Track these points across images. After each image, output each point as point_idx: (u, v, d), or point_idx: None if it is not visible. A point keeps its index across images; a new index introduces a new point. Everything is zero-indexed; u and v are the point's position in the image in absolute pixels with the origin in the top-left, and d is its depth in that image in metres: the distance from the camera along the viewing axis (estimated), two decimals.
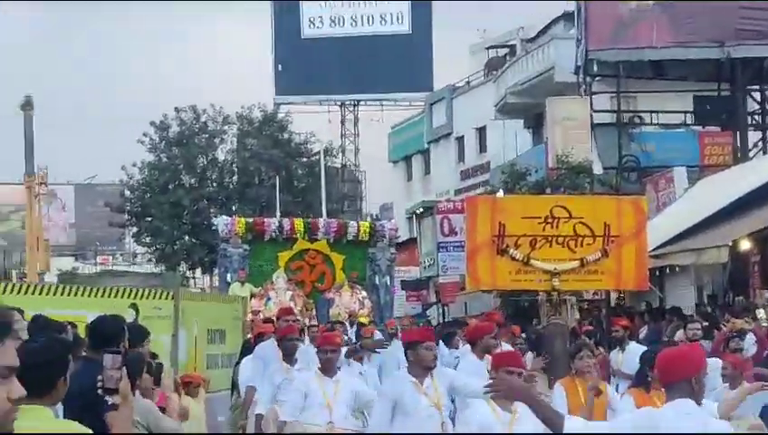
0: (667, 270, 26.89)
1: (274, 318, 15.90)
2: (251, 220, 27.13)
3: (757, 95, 34.49)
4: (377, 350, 15.84)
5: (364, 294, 25.16)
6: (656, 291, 23.39)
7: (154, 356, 10.56)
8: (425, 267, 41.09)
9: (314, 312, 23.92)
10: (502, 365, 7.84)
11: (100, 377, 5.60)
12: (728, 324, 16.81)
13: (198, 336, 15.45)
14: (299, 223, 26.80)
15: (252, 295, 23.78)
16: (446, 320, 33.22)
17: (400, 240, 34.84)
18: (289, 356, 11.79)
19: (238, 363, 14.86)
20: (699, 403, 5.81)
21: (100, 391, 5.58)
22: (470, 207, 14.69)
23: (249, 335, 16.95)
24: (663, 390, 9.11)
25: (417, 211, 45.67)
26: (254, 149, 52.02)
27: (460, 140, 51.60)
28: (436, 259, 37.13)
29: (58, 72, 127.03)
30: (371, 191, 61.95)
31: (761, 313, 16.91)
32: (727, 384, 10.67)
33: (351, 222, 28.87)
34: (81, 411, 6.17)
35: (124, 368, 5.60)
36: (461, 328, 17.50)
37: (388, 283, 27.34)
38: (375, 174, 61.68)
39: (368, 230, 27.12)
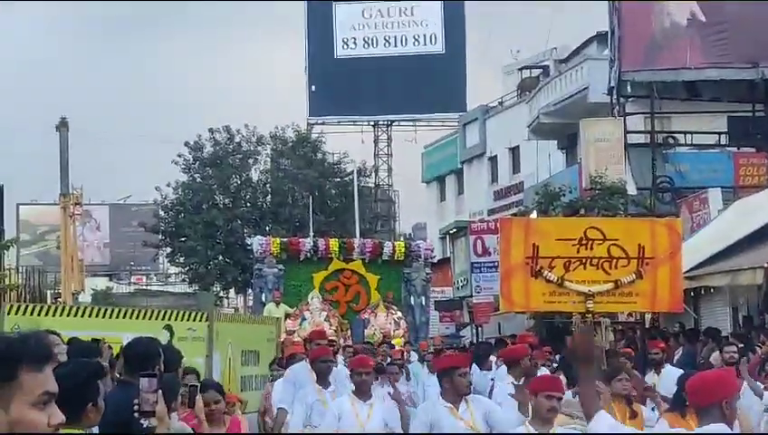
0: (702, 291, 26.73)
1: (304, 340, 15.94)
2: (286, 240, 27.18)
3: None
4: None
5: (399, 314, 25.14)
6: (690, 312, 23.27)
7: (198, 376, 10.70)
8: (458, 287, 41.03)
9: (349, 332, 23.90)
10: (542, 390, 7.81)
11: (136, 400, 5.65)
12: (764, 347, 16.71)
13: (233, 358, 15.48)
14: (334, 243, 26.81)
15: (287, 316, 23.80)
16: (479, 341, 33.16)
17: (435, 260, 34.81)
18: (322, 378, 11.76)
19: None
20: (731, 427, 5.77)
21: (136, 414, 5.62)
22: (504, 229, 14.58)
23: (280, 356, 16.99)
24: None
25: (451, 231, 45.69)
26: (288, 170, 52.17)
27: (493, 160, 51.59)
28: (470, 279, 37.06)
29: (92, 90, 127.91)
30: (404, 211, 62.06)
31: None
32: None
33: (387, 242, 28.91)
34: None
35: (160, 391, 5.65)
36: (497, 348, 17.46)
37: (424, 303, 27.31)
38: (408, 194, 61.80)
39: (403, 250, 27.11)
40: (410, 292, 26.82)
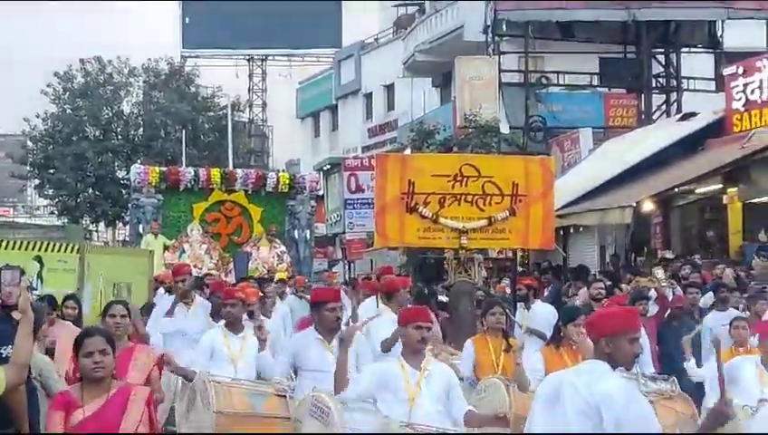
0: (571, 230, 27.23)
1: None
2: (165, 169, 26.38)
3: (662, 58, 34.90)
4: None
5: (283, 248, 24.86)
6: (560, 250, 23.61)
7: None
8: (331, 224, 41.12)
9: (231, 266, 23.50)
10: (411, 322, 7.83)
11: None
12: (633, 283, 17.07)
13: (104, 291, 15.27)
14: (215, 173, 26.14)
15: (165, 248, 23.40)
16: (351, 277, 33.27)
17: None
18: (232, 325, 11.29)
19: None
20: (618, 367, 5.73)
21: None
22: (380, 165, 14.72)
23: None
24: (575, 347, 9.34)
25: (324, 168, 45.63)
26: (161, 103, 51.51)
27: (368, 97, 51.53)
28: (343, 216, 37.13)
29: None
30: (278, 147, 61.65)
31: (659, 272, 17.16)
32: None
33: (271, 172, 28.40)
34: None
35: (23, 282, 5.54)
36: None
37: (308, 237, 26.91)
38: (282, 130, 61.39)
39: (288, 182, 26.61)
40: (294, 225, 26.37)
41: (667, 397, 8.96)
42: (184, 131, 44.35)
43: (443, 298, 16.81)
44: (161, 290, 16.56)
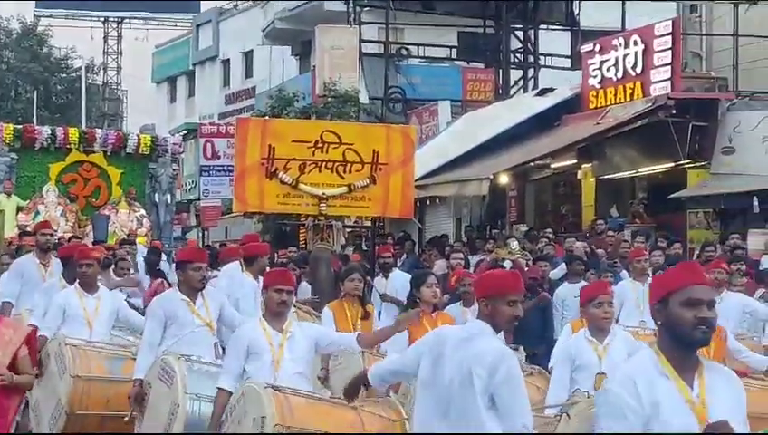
0: (428, 202, 27.39)
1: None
2: (20, 127, 25.68)
3: (520, 35, 35.23)
4: None
5: (143, 212, 24.45)
6: (415, 221, 23.76)
7: None
8: (186, 190, 40.66)
9: (90, 229, 23.00)
10: (272, 285, 7.79)
11: None
12: (491, 254, 17.26)
13: None
14: (74, 132, 25.47)
15: (19, 209, 22.82)
16: (206, 244, 32.99)
17: None
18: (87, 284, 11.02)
19: None
20: (501, 329, 5.74)
21: None
22: (240, 129, 14.62)
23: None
24: (434, 314, 9.41)
25: (180, 133, 45.09)
26: (11, 63, 50.31)
27: (226, 63, 51.04)
28: (198, 182, 36.79)
29: None
30: (133, 111, 60.70)
31: (513, 243, 17.42)
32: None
33: (132, 133, 27.82)
34: None
35: None
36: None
37: (169, 201, 26.47)
38: (137, 94, 60.47)
39: (149, 144, 26.12)
40: (155, 188, 25.88)
41: (528, 373, 8.84)
42: (36, 92, 43.45)
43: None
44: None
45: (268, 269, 11.25)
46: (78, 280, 10.27)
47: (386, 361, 6.72)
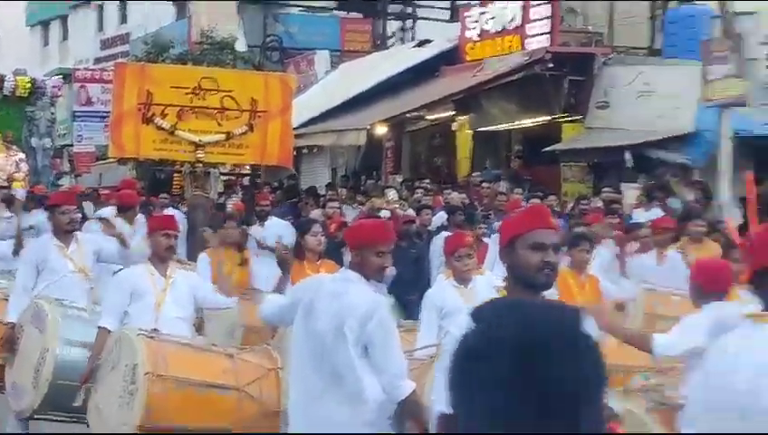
0: (305, 151, 27.35)
1: None
2: None
3: None
4: None
5: (21, 156, 23.91)
6: (291, 170, 23.71)
7: None
8: (59, 136, 39.92)
9: None
10: (159, 229, 7.81)
11: None
12: (368, 203, 17.35)
13: None
14: None
15: None
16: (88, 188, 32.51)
17: None
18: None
19: None
20: (370, 279, 5.81)
21: None
22: (118, 73, 14.44)
23: None
24: (318, 262, 9.51)
25: (58, 77, 44.19)
26: None
27: (100, 8, 50.10)
28: (72, 128, 36.23)
29: None
30: (4, 56, 59.33)
31: (391, 193, 17.54)
32: None
33: (8, 75, 27.14)
34: None
35: None
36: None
37: (48, 145, 25.96)
38: (9, 38, 59.07)
39: (27, 86, 25.54)
40: (33, 132, 25.35)
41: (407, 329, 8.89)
42: None
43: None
44: None
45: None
46: None
47: (276, 299, 6.67)
